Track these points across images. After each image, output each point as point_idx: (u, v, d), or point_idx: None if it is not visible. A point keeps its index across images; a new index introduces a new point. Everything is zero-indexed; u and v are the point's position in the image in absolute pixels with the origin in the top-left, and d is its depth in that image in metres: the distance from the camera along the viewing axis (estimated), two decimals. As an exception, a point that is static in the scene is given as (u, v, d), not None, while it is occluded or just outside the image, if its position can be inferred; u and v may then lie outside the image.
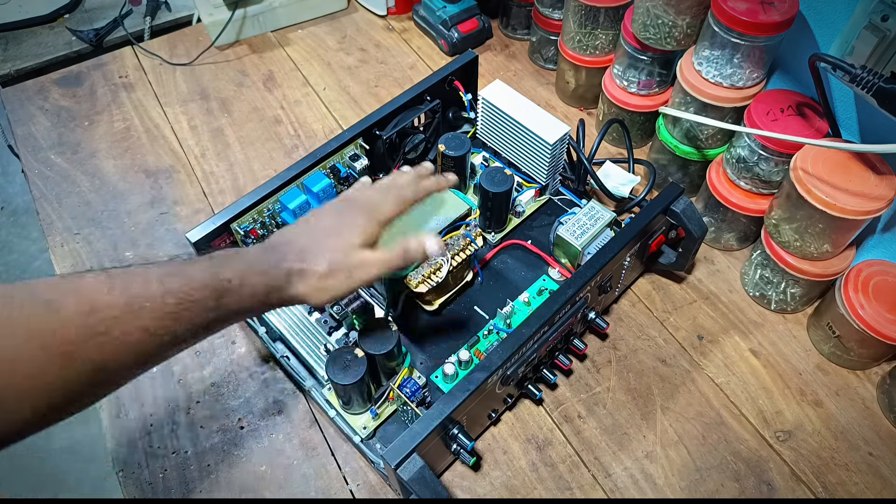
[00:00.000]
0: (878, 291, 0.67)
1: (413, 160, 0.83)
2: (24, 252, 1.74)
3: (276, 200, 0.71)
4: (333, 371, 0.59)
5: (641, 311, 0.77)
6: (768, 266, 0.75)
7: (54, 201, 0.87)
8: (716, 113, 0.74)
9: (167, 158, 0.92)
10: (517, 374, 0.61)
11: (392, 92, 1.00)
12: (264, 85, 1.02)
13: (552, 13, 0.97)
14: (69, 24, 1.18)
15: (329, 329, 0.70)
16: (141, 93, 1.00)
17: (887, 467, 0.66)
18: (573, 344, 0.69)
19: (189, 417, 0.68)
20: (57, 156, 0.92)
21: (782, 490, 0.65)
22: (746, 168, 0.73)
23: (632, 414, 0.69)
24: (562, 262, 0.75)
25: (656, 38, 0.76)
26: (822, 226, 0.66)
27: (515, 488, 0.64)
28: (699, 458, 0.66)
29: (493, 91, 0.78)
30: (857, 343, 0.69)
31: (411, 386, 0.63)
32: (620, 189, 0.78)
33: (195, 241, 0.65)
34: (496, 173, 0.73)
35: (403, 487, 0.55)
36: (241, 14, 1.05)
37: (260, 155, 0.92)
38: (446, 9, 1.04)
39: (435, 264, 0.67)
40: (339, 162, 0.75)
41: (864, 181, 0.64)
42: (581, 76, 0.94)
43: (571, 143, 0.77)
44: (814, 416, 0.69)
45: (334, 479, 0.65)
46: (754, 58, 0.69)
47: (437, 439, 0.56)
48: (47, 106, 0.98)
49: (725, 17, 0.66)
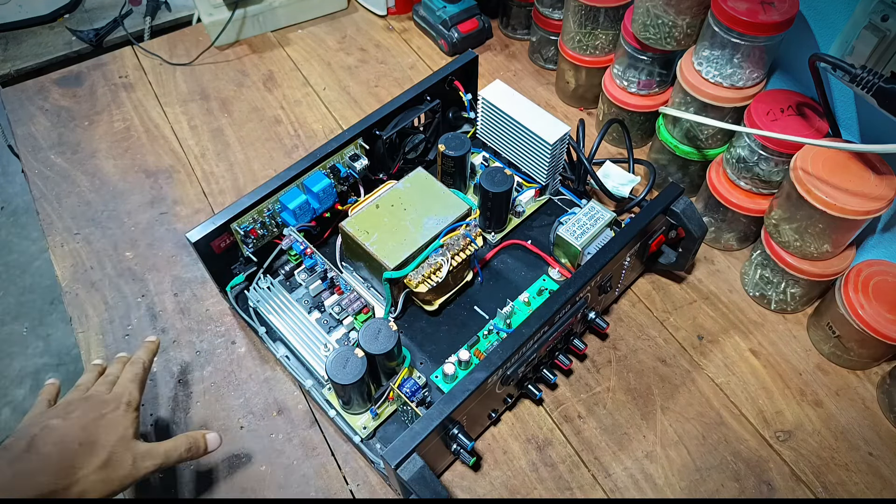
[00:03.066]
0: (878, 291, 0.67)
1: (413, 160, 0.84)
2: (24, 252, 1.74)
3: (276, 200, 0.71)
4: (333, 371, 0.59)
5: (641, 311, 0.77)
6: (768, 266, 0.75)
7: (54, 201, 0.87)
8: (716, 113, 0.74)
9: (167, 158, 0.92)
10: (517, 374, 0.61)
11: (392, 92, 1.00)
12: (264, 85, 1.02)
13: (552, 13, 0.97)
14: (69, 24, 1.18)
15: (329, 329, 0.70)
16: (141, 93, 1.00)
17: (887, 467, 0.66)
18: (573, 344, 0.69)
19: (189, 417, 0.68)
20: (57, 156, 0.92)
21: (782, 490, 0.65)
22: (746, 168, 0.73)
23: (632, 414, 0.69)
24: (562, 262, 0.75)
25: (656, 38, 0.76)
26: (822, 226, 0.66)
27: (515, 488, 0.64)
28: (699, 458, 0.66)
29: (493, 91, 0.78)
30: (857, 343, 0.69)
31: (411, 386, 0.63)
32: (620, 189, 0.78)
33: (195, 241, 0.65)
34: (496, 173, 0.73)
35: (403, 487, 0.55)
36: (241, 14, 1.05)
37: (260, 155, 0.92)
38: (446, 9, 1.04)
39: (435, 264, 0.67)
40: (339, 162, 0.75)
41: (864, 181, 0.64)
42: (581, 76, 0.94)
43: (571, 143, 0.77)
44: (814, 416, 0.69)
45: (334, 479, 0.65)
46: (754, 58, 0.69)
47: (437, 439, 0.56)
48: (47, 106, 0.98)
49: (725, 17, 0.66)
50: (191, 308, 0.76)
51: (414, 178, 0.72)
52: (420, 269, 0.67)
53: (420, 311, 0.73)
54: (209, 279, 0.73)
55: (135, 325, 0.75)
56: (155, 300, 0.77)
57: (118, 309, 0.76)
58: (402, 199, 0.70)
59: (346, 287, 0.70)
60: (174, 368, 0.72)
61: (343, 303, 0.69)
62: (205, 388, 0.70)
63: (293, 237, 0.70)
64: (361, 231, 0.68)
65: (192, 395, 0.70)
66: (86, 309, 0.76)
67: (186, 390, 0.70)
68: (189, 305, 0.77)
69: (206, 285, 0.78)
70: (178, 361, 0.72)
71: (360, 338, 0.61)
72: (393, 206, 0.70)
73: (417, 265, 0.66)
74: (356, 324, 0.69)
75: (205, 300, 0.77)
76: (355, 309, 0.69)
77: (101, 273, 0.80)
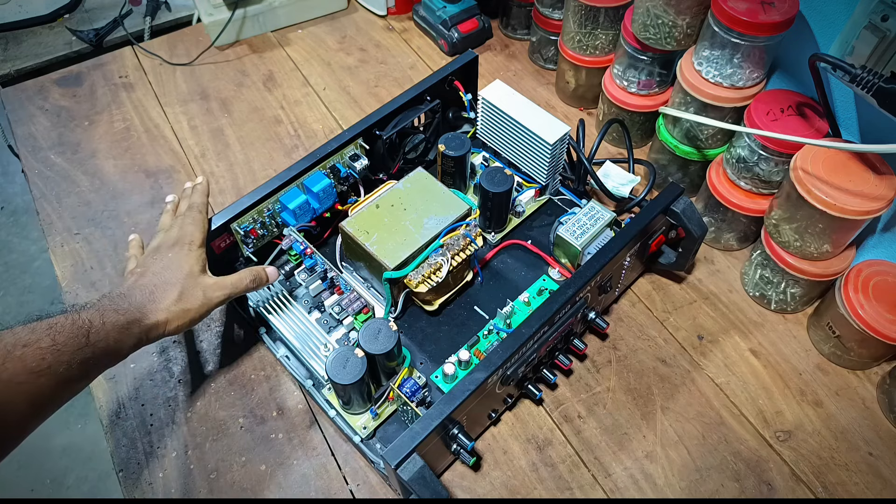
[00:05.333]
0: (878, 291, 0.67)
1: (413, 160, 0.84)
2: (24, 252, 1.75)
3: (276, 200, 0.71)
4: (333, 371, 0.59)
5: (641, 311, 0.77)
6: (768, 266, 0.75)
7: (54, 201, 0.87)
8: (716, 113, 0.74)
9: (167, 158, 0.92)
10: (517, 374, 0.61)
11: (392, 92, 1.00)
12: (264, 85, 1.02)
13: (552, 13, 0.97)
14: (69, 24, 1.18)
15: (329, 329, 0.70)
16: (141, 93, 1.00)
17: (887, 467, 0.66)
18: (573, 344, 0.69)
19: (189, 417, 0.68)
20: (57, 156, 0.92)
21: (782, 490, 0.65)
22: (746, 168, 0.73)
23: (632, 414, 0.69)
24: (562, 262, 0.75)
25: (656, 38, 0.76)
26: (822, 226, 0.66)
27: (515, 488, 0.64)
28: (699, 458, 0.66)
29: (493, 91, 0.78)
30: (857, 343, 0.69)
31: (411, 386, 0.63)
32: (620, 189, 0.78)
33: (195, 241, 0.65)
34: (496, 173, 0.73)
35: (403, 487, 0.55)
36: (241, 14, 1.05)
37: (260, 155, 0.92)
38: (446, 9, 1.04)
39: (435, 264, 0.67)
40: (339, 162, 0.75)
41: (864, 181, 0.64)
42: (581, 76, 0.94)
43: (571, 143, 0.77)
44: (814, 416, 0.69)
45: (334, 479, 0.65)
46: (754, 58, 0.69)
47: (437, 439, 0.56)
48: (47, 106, 0.98)
49: (725, 17, 0.66)
50: (191, 308, 0.76)
51: (414, 178, 0.72)
52: (420, 269, 0.67)
53: (420, 311, 0.73)
54: (209, 279, 0.73)
55: (135, 325, 0.75)
56: (155, 300, 0.77)
57: (118, 309, 0.76)
58: (402, 199, 0.70)
59: (346, 287, 0.70)
60: (174, 368, 0.72)
61: (343, 303, 0.69)
62: (205, 387, 0.70)
63: (293, 237, 0.70)
64: (361, 231, 0.68)
65: (193, 396, 0.70)
66: (86, 309, 0.76)
67: (186, 390, 0.70)
68: (189, 305, 0.77)
69: (206, 285, 0.78)
70: (179, 361, 0.72)
71: (360, 338, 0.61)
72: (393, 206, 0.70)
73: (417, 265, 0.66)
74: (356, 324, 0.69)
75: (205, 300, 0.77)
76: (355, 309, 0.69)
77: (101, 273, 0.80)
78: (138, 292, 0.56)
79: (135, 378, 0.71)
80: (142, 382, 0.71)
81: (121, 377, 0.71)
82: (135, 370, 0.71)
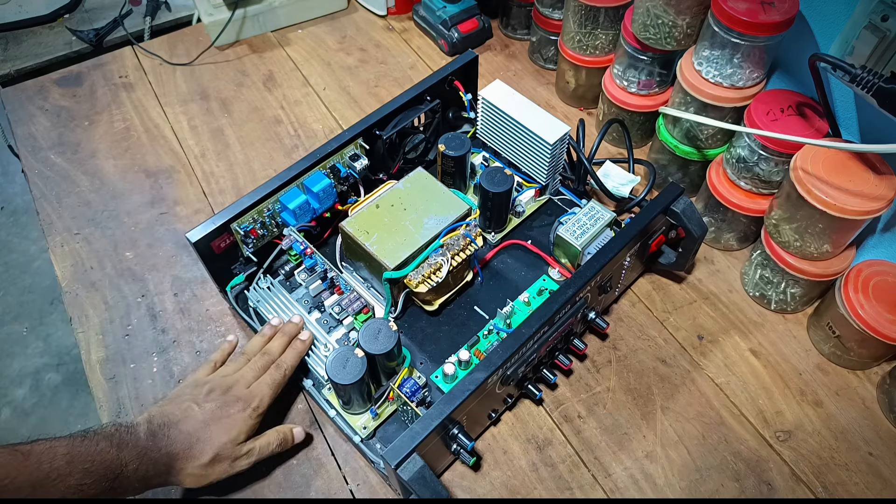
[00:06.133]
0: (878, 291, 0.67)
1: (413, 160, 0.84)
2: (24, 252, 1.74)
3: (276, 200, 0.71)
4: (333, 371, 0.59)
5: (641, 311, 0.77)
6: (768, 266, 0.75)
7: (54, 201, 0.87)
8: (716, 113, 0.74)
9: (167, 158, 0.92)
10: (517, 374, 0.61)
11: (392, 92, 1.00)
12: (264, 85, 1.02)
13: (552, 13, 0.97)
14: (69, 24, 1.18)
15: (329, 329, 0.70)
16: (141, 93, 1.00)
17: (887, 467, 0.66)
18: (573, 344, 0.69)
19: (189, 417, 0.68)
20: (57, 156, 0.92)
21: (782, 490, 0.65)
22: (746, 168, 0.73)
23: (632, 414, 0.69)
24: (562, 262, 0.75)
25: (656, 38, 0.76)
26: (822, 226, 0.66)
27: (515, 488, 0.64)
28: (699, 458, 0.66)
29: (493, 91, 0.78)
30: (857, 343, 0.69)
31: (411, 386, 0.63)
32: (620, 189, 0.78)
33: (195, 241, 0.65)
34: (496, 173, 0.73)
35: (403, 487, 0.55)
36: (241, 14, 1.05)
37: (260, 155, 0.92)
38: (446, 9, 1.04)
39: (435, 264, 0.67)
40: (339, 162, 0.75)
41: (864, 181, 0.64)
42: (581, 76, 0.94)
43: (571, 143, 0.77)
44: (814, 416, 0.69)
45: (334, 479, 0.65)
46: (754, 58, 0.69)
47: (437, 439, 0.56)
48: (47, 106, 0.98)
49: (725, 17, 0.66)
50: (191, 308, 0.76)
51: (414, 178, 0.72)
52: (420, 269, 0.67)
53: (420, 311, 0.73)
54: (209, 279, 0.72)
55: (135, 326, 0.75)
56: (155, 300, 0.77)
57: (118, 309, 0.76)
58: (402, 199, 0.70)
59: (346, 287, 0.70)
60: (174, 368, 0.72)
61: (343, 303, 0.69)
62: (205, 388, 0.70)
63: (293, 237, 0.70)
64: (361, 231, 0.68)
65: (192, 395, 0.70)
66: (86, 309, 0.76)
67: (186, 390, 0.70)
68: (189, 305, 0.77)
69: (206, 285, 0.78)
70: (179, 361, 0.72)
71: (360, 338, 0.61)
72: (393, 206, 0.70)
73: (417, 265, 0.66)
74: (356, 324, 0.69)
75: (205, 300, 0.77)
76: (355, 309, 0.69)
77: (101, 273, 0.80)
78: (181, 441, 0.56)
79: (135, 378, 0.71)
80: (142, 382, 0.71)
81: (121, 377, 0.71)
82: (135, 370, 0.71)
